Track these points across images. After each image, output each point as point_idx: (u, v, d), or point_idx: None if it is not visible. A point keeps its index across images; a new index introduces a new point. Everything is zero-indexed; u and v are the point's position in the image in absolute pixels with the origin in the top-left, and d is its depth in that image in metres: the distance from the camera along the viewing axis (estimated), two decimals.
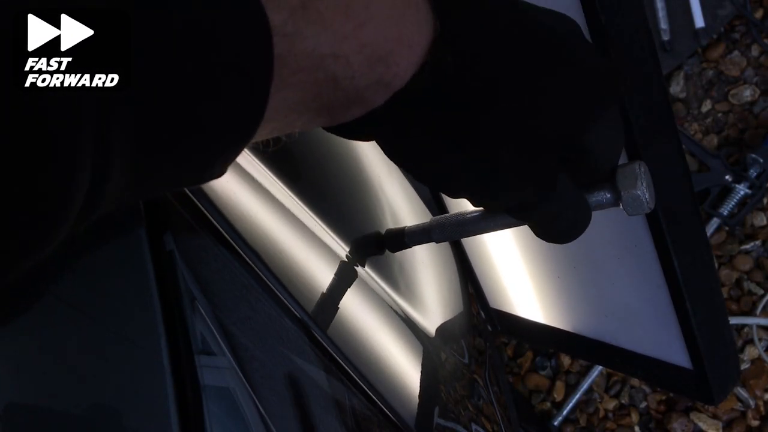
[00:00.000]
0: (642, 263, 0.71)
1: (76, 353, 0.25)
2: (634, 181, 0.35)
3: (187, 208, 0.32)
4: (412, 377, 0.53)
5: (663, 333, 0.77)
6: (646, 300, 0.76)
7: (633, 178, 0.35)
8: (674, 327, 0.73)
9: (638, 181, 0.35)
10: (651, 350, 0.84)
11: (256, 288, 0.35)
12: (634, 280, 0.76)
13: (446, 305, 0.79)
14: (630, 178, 0.35)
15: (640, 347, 0.86)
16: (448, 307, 0.79)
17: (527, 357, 1.73)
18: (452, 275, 0.90)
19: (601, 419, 1.62)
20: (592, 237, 0.77)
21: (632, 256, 0.72)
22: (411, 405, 0.50)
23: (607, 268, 0.80)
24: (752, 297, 1.59)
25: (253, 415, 0.30)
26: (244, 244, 0.35)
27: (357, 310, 0.48)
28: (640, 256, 0.70)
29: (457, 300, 0.87)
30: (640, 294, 0.77)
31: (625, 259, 0.75)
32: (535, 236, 0.37)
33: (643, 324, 0.81)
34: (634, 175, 0.35)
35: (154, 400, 0.26)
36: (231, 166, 0.25)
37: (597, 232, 0.75)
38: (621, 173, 0.36)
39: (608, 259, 0.78)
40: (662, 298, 0.71)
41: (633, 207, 0.36)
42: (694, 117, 1.75)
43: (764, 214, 1.63)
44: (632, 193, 0.35)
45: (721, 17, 1.69)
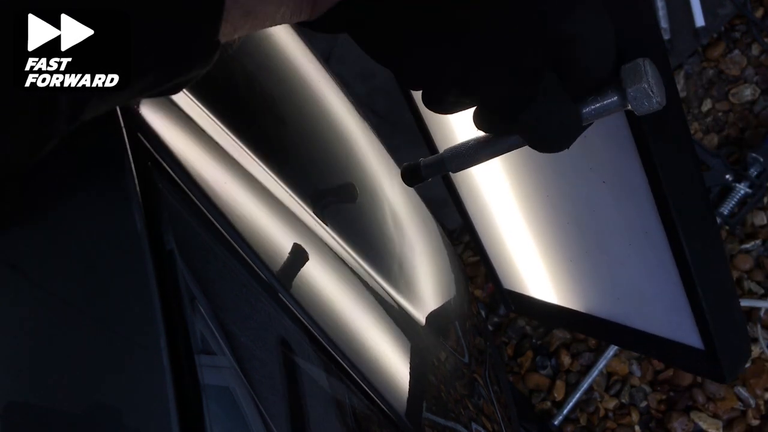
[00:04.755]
0: (653, 249, 0.72)
1: (76, 353, 0.25)
2: (640, 76, 0.34)
3: (187, 208, 0.32)
4: (412, 377, 0.53)
5: (674, 315, 0.78)
6: (658, 284, 0.77)
7: (638, 73, 0.34)
8: (685, 309, 0.74)
9: (643, 75, 0.33)
10: (663, 331, 0.85)
11: (256, 288, 0.35)
12: (646, 265, 0.77)
13: (446, 304, 0.79)
14: (635, 74, 0.34)
15: (652, 328, 0.88)
16: (448, 305, 0.79)
17: (527, 356, 1.73)
18: (453, 275, 0.90)
19: (602, 418, 1.62)
20: (604, 224, 0.79)
21: (643, 242, 0.73)
22: (412, 405, 0.50)
23: (619, 253, 0.81)
24: (753, 296, 1.59)
25: (253, 415, 0.30)
26: (244, 243, 0.35)
27: (356, 309, 0.48)
28: (651, 242, 0.71)
29: (457, 299, 0.87)
30: (652, 278, 0.78)
31: (636, 245, 0.76)
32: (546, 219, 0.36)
33: (655, 306, 0.83)
34: (639, 70, 0.34)
35: (154, 400, 0.26)
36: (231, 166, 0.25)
37: (608, 219, 0.76)
38: (625, 71, 0.34)
39: (619, 244, 0.79)
40: (673, 281, 0.73)
41: (641, 103, 0.34)
42: (694, 116, 1.75)
43: (765, 213, 1.63)
44: (639, 87, 0.33)
45: (721, 16, 1.69)
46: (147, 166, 0.30)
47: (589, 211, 0.79)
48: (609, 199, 0.73)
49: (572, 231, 0.87)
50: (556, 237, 0.93)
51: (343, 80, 0.86)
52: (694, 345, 0.79)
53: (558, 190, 0.82)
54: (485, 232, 1.15)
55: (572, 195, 0.80)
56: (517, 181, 0.91)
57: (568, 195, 0.81)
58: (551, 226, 0.90)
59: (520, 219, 0.97)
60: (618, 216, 0.74)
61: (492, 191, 1.01)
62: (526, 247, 1.03)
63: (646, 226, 0.70)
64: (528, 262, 1.07)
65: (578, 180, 0.76)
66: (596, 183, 0.72)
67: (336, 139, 0.66)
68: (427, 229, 0.86)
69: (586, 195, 0.77)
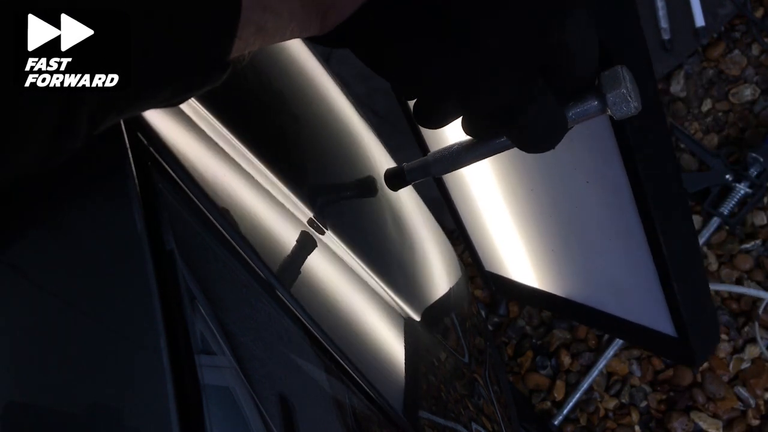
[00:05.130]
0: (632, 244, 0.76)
1: (76, 353, 0.25)
2: (618, 82, 0.36)
3: (187, 208, 0.32)
4: (413, 377, 0.53)
5: (650, 304, 0.83)
6: (635, 276, 0.82)
7: (616, 80, 0.36)
8: (660, 300, 0.80)
9: (622, 81, 0.35)
10: (638, 318, 0.91)
11: (256, 288, 0.35)
12: (624, 260, 0.82)
13: (446, 304, 0.79)
14: (613, 80, 0.36)
15: (628, 315, 0.93)
16: (448, 305, 0.79)
17: (527, 356, 1.73)
18: (453, 275, 0.90)
19: (602, 418, 1.62)
20: (586, 219, 0.82)
21: (623, 238, 0.77)
22: (412, 405, 0.50)
23: (599, 246, 0.85)
24: (752, 296, 1.59)
25: (253, 415, 0.30)
26: (244, 243, 0.35)
27: (356, 309, 0.48)
28: (629, 238, 0.75)
29: (457, 299, 0.87)
30: (630, 271, 0.83)
31: (615, 240, 0.80)
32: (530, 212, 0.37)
33: (632, 296, 0.88)
34: (618, 77, 0.36)
35: (154, 400, 0.26)
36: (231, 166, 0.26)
37: (590, 215, 0.80)
38: (604, 77, 0.36)
39: (600, 239, 0.84)
40: (650, 275, 0.77)
41: (619, 108, 0.36)
42: (694, 116, 1.75)
43: (765, 213, 1.63)
44: (617, 93, 0.36)
45: (721, 16, 1.69)
46: (147, 166, 0.30)
47: (573, 207, 0.83)
48: (592, 198, 0.77)
49: (555, 224, 0.90)
50: (539, 229, 0.96)
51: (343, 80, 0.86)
52: (668, 332, 0.84)
53: (543, 186, 0.86)
54: (469, 218, 1.18)
55: (557, 192, 0.84)
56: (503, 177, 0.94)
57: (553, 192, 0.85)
58: (535, 218, 0.94)
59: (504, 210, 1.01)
60: (600, 213, 0.78)
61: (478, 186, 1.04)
62: (509, 236, 1.07)
63: (626, 223, 0.73)
64: (510, 249, 1.11)
65: (563, 179, 0.79)
66: (580, 182, 0.76)
67: (338, 138, 0.66)
68: (427, 229, 0.86)
69: (570, 193, 0.80)
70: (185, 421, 0.26)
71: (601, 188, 0.72)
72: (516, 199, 0.94)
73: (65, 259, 0.27)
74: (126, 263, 0.28)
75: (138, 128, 0.31)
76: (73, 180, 0.28)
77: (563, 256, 0.96)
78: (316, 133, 0.61)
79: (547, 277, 1.08)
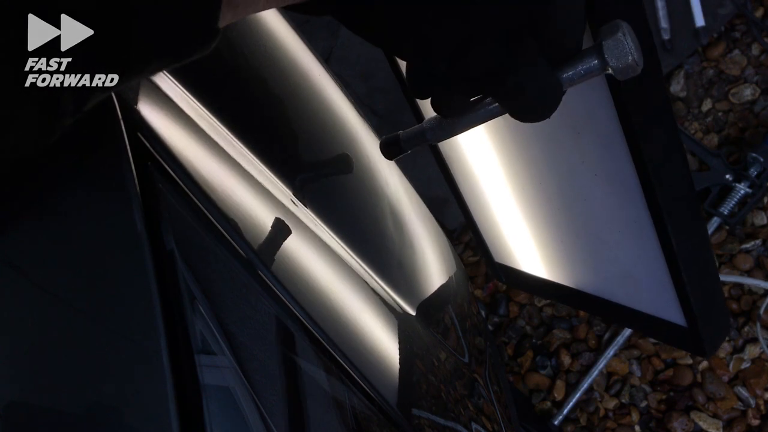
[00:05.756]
0: (641, 235, 0.76)
1: (76, 353, 0.25)
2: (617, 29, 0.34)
3: (187, 208, 0.32)
4: (413, 377, 0.53)
5: (660, 295, 0.83)
6: (644, 266, 0.82)
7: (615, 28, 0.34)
8: (670, 290, 0.80)
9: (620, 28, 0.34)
10: (648, 308, 0.91)
11: (256, 288, 0.35)
12: (634, 250, 0.82)
13: (446, 303, 0.79)
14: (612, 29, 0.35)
15: (638, 305, 0.93)
16: (447, 305, 0.79)
17: (527, 356, 1.73)
18: (453, 275, 0.90)
19: (602, 418, 1.62)
20: (594, 211, 0.83)
21: (632, 230, 0.78)
22: (411, 405, 0.50)
23: (608, 238, 0.86)
24: (753, 296, 1.59)
25: (253, 415, 0.30)
26: (244, 243, 0.35)
27: (357, 309, 0.48)
28: (638, 229, 0.76)
29: (457, 299, 0.87)
30: (639, 262, 0.83)
31: (625, 232, 0.80)
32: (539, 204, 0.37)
33: (642, 287, 0.88)
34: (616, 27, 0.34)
35: (154, 400, 0.26)
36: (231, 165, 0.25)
37: (599, 207, 0.81)
38: (603, 30, 0.35)
39: (609, 230, 0.84)
40: (659, 265, 0.78)
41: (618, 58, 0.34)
42: (694, 116, 1.75)
43: (765, 213, 1.63)
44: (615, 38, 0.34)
45: (721, 16, 1.69)
46: (147, 166, 0.30)
47: (581, 199, 0.83)
48: (600, 190, 0.77)
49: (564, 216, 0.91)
50: (548, 221, 0.97)
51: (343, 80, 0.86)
52: (677, 322, 0.85)
53: (551, 179, 0.86)
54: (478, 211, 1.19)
55: (565, 185, 0.84)
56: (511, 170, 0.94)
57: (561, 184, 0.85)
58: (544, 210, 0.94)
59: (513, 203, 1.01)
60: (608, 205, 0.78)
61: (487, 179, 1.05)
62: (518, 228, 1.08)
63: (634, 215, 0.74)
64: (520, 241, 1.12)
65: (571, 172, 0.80)
66: (588, 175, 0.76)
67: (338, 137, 0.66)
68: (427, 229, 0.86)
69: (578, 185, 0.81)
70: (185, 421, 0.26)
71: (608, 180, 0.72)
72: (524, 192, 0.94)
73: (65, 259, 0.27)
74: (126, 263, 0.28)
75: (138, 128, 0.31)
76: (74, 180, 0.28)
77: (572, 247, 0.97)
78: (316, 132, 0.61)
79: (557, 268, 1.08)
